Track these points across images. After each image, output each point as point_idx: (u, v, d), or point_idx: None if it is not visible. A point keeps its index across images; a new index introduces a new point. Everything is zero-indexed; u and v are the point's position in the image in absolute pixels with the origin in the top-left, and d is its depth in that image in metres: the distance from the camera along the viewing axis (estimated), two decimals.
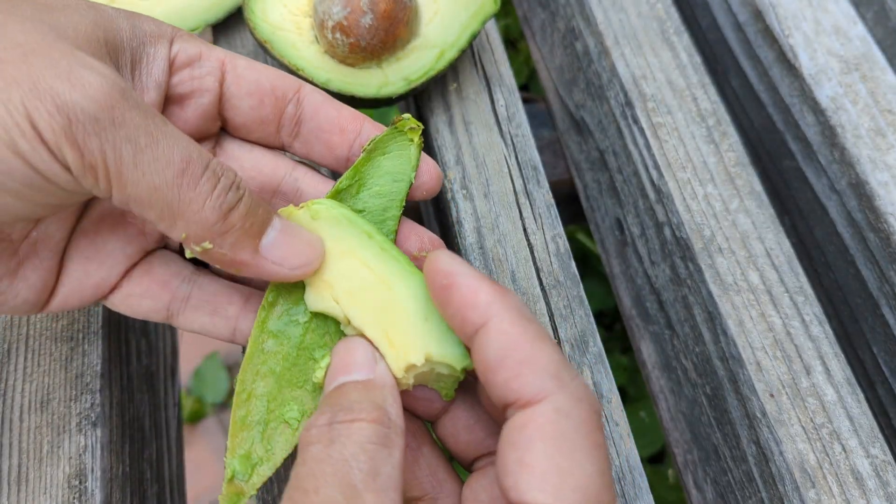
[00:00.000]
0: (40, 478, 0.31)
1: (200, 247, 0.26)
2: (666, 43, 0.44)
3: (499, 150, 0.40)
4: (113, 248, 0.30)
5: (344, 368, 0.26)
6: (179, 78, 0.29)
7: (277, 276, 0.27)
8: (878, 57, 0.41)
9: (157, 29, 0.28)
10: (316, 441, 0.23)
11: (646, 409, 0.80)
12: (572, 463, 0.22)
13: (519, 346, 0.23)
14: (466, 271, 0.25)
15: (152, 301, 0.30)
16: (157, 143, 0.24)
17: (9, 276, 0.27)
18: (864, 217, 0.38)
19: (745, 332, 0.35)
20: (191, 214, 0.25)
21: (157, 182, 0.24)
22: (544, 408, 0.22)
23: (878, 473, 0.32)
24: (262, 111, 0.30)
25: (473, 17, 0.40)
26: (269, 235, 0.27)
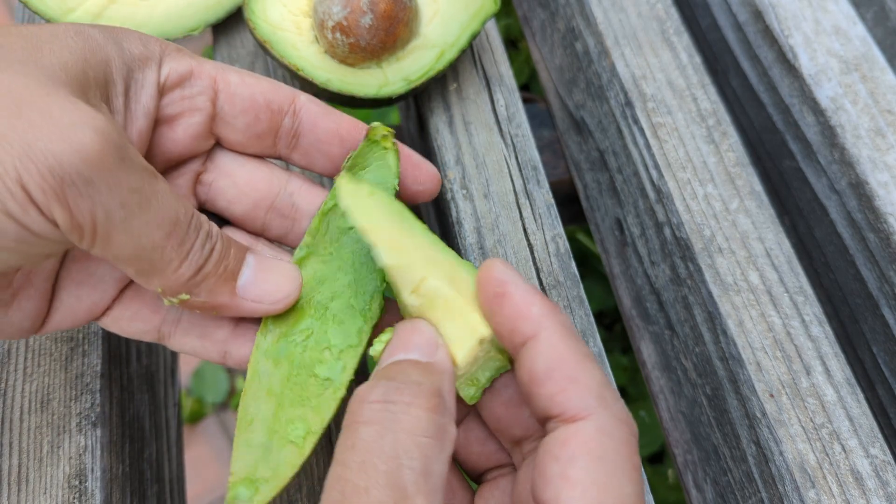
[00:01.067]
0: (40, 478, 0.31)
1: (178, 298, 0.26)
2: (666, 43, 0.44)
3: (499, 151, 0.40)
4: (103, 273, 0.30)
5: (404, 346, 0.25)
6: (170, 99, 0.28)
7: (258, 313, 0.27)
8: (878, 57, 0.41)
9: (145, 50, 0.27)
10: (368, 422, 0.22)
11: (645, 408, 0.80)
12: (613, 481, 0.22)
13: (567, 363, 0.24)
14: (520, 282, 0.26)
15: (143, 324, 0.30)
16: (149, 205, 0.24)
17: (4, 306, 0.27)
18: (864, 217, 0.38)
19: (745, 332, 0.35)
20: (169, 272, 0.25)
21: (144, 244, 0.24)
22: (588, 425, 0.23)
23: (878, 473, 0.32)
24: (258, 127, 0.30)
25: (473, 17, 0.40)
26: (244, 275, 0.27)
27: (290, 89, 0.30)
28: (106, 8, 0.41)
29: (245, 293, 0.27)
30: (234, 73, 0.29)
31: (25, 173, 0.21)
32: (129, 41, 0.27)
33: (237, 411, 0.29)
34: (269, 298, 0.27)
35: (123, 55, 0.27)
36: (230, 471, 0.27)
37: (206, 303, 0.26)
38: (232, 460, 0.27)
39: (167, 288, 0.25)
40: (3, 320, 0.27)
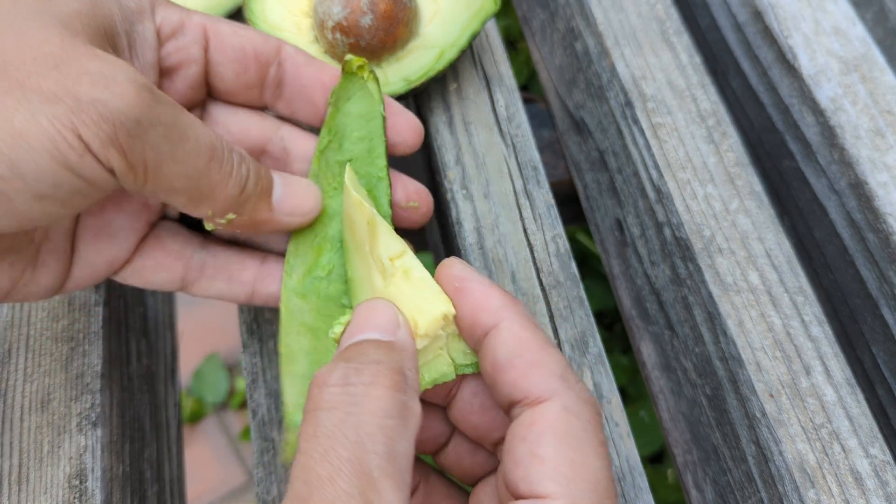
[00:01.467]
0: (40, 478, 0.31)
1: (225, 219, 0.27)
2: (666, 43, 0.44)
3: (499, 151, 0.40)
4: (121, 224, 0.30)
5: (363, 326, 0.25)
6: (166, 50, 0.29)
7: (292, 225, 0.29)
8: (878, 57, 0.41)
9: (138, 2, 0.28)
10: (329, 407, 0.22)
11: (646, 409, 0.80)
12: (582, 457, 0.22)
13: (529, 348, 0.24)
14: (479, 277, 0.27)
15: (167, 273, 0.31)
16: (187, 135, 0.25)
17: (31, 265, 0.28)
18: (864, 217, 0.38)
19: (745, 332, 0.35)
20: (218, 194, 0.26)
21: (191, 172, 0.25)
22: (553, 405, 0.23)
23: (878, 473, 0.32)
24: (247, 77, 0.31)
25: (473, 17, 0.40)
26: (276, 192, 0.29)
27: (276, 39, 0.31)
28: None
29: (280, 208, 0.29)
30: (224, 24, 0.30)
31: (81, 125, 0.22)
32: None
33: (280, 349, 0.29)
34: (300, 210, 0.29)
35: (124, 11, 0.27)
36: (283, 402, 0.28)
37: (248, 220, 0.28)
38: (283, 394, 0.28)
39: (217, 209, 0.27)
40: (32, 281, 0.28)
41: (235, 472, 1.02)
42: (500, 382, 0.25)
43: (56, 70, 0.23)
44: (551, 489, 0.22)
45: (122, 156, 0.23)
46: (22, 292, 0.28)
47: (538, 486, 0.22)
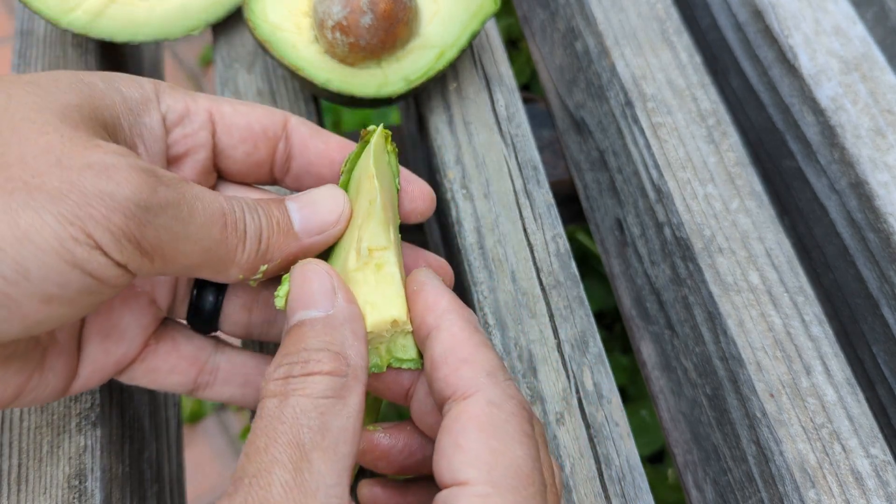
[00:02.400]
0: (40, 478, 0.31)
1: (260, 273, 0.27)
2: (666, 43, 0.44)
3: (499, 150, 0.40)
4: (128, 322, 0.30)
5: (302, 301, 0.26)
6: (173, 138, 0.29)
7: (328, 238, 0.28)
8: (878, 57, 0.41)
9: (143, 93, 0.28)
10: (272, 395, 0.23)
11: (645, 408, 0.80)
12: (503, 445, 0.23)
13: (462, 347, 0.25)
14: (438, 284, 0.27)
15: (180, 376, 0.30)
16: (196, 209, 0.24)
17: (38, 369, 0.27)
18: (864, 217, 0.38)
19: (745, 332, 0.35)
20: (239, 257, 0.26)
21: (207, 244, 0.25)
22: (478, 399, 0.24)
23: (878, 473, 0.32)
24: (257, 155, 0.30)
25: (473, 16, 0.40)
26: (295, 219, 0.28)
27: (281, 113, 0.31)
28: (106, 7, 0.41)
29: (306, 232, 0.28)
30: (226, 104, 0.30)
31: (90, 221, 0.22)
32: (126, 85, 0.27)
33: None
34: (329, 222, 0.28)
35: (126, 101, 0.27)
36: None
37: (281, 262, 0.27)
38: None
39: (246, 270, 0.26)
40: (40, 385, 0.27)
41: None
42: (433, 380, 0.25)
43: (58, 166, 0.22)
44: (472, 475, 0.22)
45: (136, 246, 0.23)
46: (28, 397, 0.27)
47: (459, 474, 0.23)
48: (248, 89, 0.43)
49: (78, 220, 0.22)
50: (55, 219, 0.21)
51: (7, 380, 0.26)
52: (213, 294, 0.32)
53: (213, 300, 0.32)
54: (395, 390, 0.29)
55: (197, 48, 1.31)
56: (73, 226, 0.21)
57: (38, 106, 0.23)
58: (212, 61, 1.29)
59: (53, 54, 0.43)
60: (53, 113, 0.23)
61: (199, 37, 0.44)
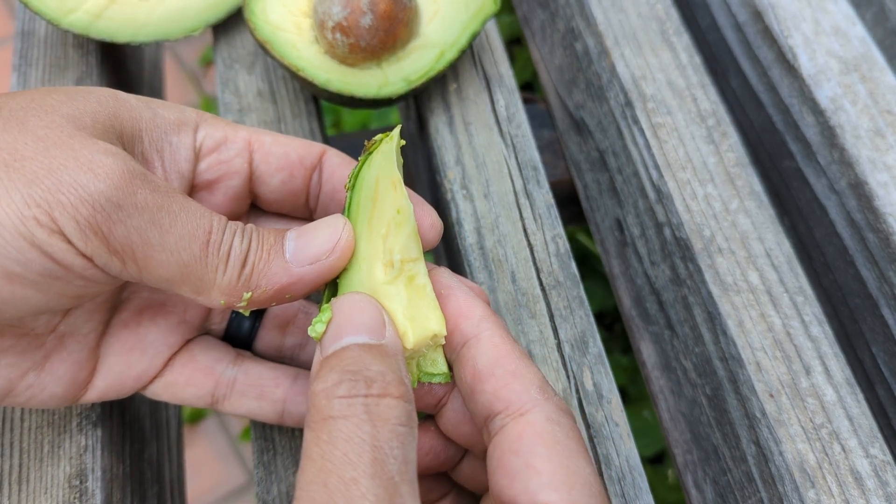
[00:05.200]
0: (41, 477, 0.31)
1: (244, 300, 0.26)
2: (666, 43, 0.44)
3: (499, 151, 0.40)
4: (154, 338, 0.30)
5: (350, 327, 0.25)
6: (207, 164, 0.29)
7: (324, 274, 0.26)
8: (878, 58, 0.41)
9: (181, 116, 0.28)
10: (342, 416, 0.22)
11: (646, 409, 0.80)
12: (574, 464, 0.23)
13: (509, 359, 0.25)
14: (466, 288, 0.27)
15: (196, 389, 0.30)
16: (179, 220, 0.24)
17: (35, 369, 0.27)
18: (864, 217, 0.38)
19: (745, 332, 0.35)
20: (220, 279, 0.25)
21: (186, 259, 0.24)
22: (537, 416, 0.24)
23: (878, 473, 0.32)
24: (293, 184, 0.30)
25: (473, 17, 0.40)
26: (288, 248, 0.26)
27: (320, 146, 0.31)
28: (106, 8, 0.41)
29: (297, 261, 0.26)
30: (267, 135, 0.30)
31: (57, 206, 0.22)
32: (164, 108, 0.28)
33: None
34: (322, 251, 0.26)
35: (156, 119, 0.27)
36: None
37: (268, 291, 0.26)
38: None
39: (227, 295, 0.25)
40: (35, 385, 0.27)
41: (235, 472, 1.02)
42: (478, 392, 0.25)
43: (45, 154, 0.23)
44: (553, 498, 0.22)
45: (103, 241, 0.23)
46: (22, 396, 0.27)
47: (540, 496, 0.22)
48: (248, 90, 0.43)
49: (45, 203, 0.22)
50: (22, 198, 0.22)
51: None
52: (251, 317, 0.32)
53: (250, 325, 0.32)
54: (426, 401, 0.29)
55: (197, 49, 1.31)
56: (39, 208, 0.22)
57: (53, 108, 0.24)
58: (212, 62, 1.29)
59: (54, 55, 0.43)
60: (64, 115, 0.24)
61: (199, 37, 0.44)
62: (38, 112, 0.24)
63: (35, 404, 0.28)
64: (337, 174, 0.31)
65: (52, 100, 0.24)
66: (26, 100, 0.24)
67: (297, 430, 0.34)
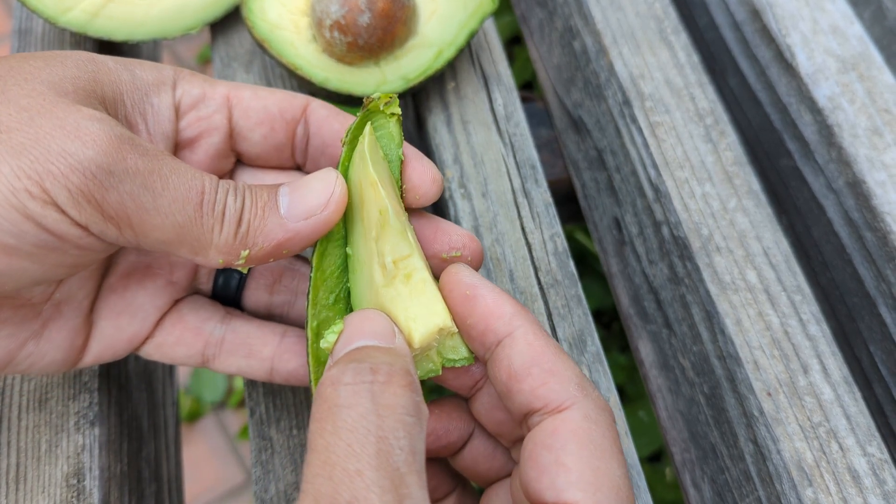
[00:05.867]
0: (38, 476, 0.31)
1: (242, 258, 0.26)
2: (664, 42, 0.44)
3: (497, 149, 0.40)
4: (143, 301, 0.30)
5: (361, 334, 0.25)
6: (187, 121, 0.29)
7: (319, 229, 0.26)
8: (876, 56, 0.41)
9: (159, 76, 0.28)
10: (347, 405, 0.21)
11: (644, 408, 0.80)
12: (605, 464, 0.23)
13: (546, 357, 0.25)
14: (489, 284, 0.26)
15: (186, 348, 0.30)
16: (170, 182, 0.24)
17: (34, 338, 0.28)
18: (862, 216, 0.38)
19: (743, 330, 0.35)
20: (216, 238, 0.25)
21: (181, 221, 0.24)
22: (574, 414, 0.24)
23: (875, 472, 0.32)
24: (275, 137, 0.30)
25: (471, 15, 0.40)
26: (283, 203, 0.26)
27: (303, 97, 0.30)
28: (104, 7, 0.41)
29: (293, 217, 0.26)
30: (246, 89, 0.30)
31: (47, 176, 0.22)
32: (142, 68, 0.28)
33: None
34: (317, 206, 0.26)
35: (136, 81, 0.27)
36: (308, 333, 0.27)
37: (265, 248, 0.26)
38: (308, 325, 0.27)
39: (225, 254, 0.25)
40: (35, 353, 0.28)
41: (233, 470, 1.02)
42: (515, 391, 0.25)
43: (30, 123, 0.22)
44: (578, 497, 0.22)
45: (97, 208, 0.23)
46: (22, 365, 0.28)
47: (565, 494, 0.22)
48: None
49: (36, 174, 0.22)
50: (12, 170, 0.22)
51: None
52: (237, 272, 0.32)
53: (237, 282, 0.32)
54: (463, 381, 0.29)
55: (195, 47, 1.31)
56: (30, 179, 0.22)
57: (32, 76, 0.24)
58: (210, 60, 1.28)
59: None
60: (44, 82, 0.24)
61: (197, 36, 0.44)
62: (18, 80, 0.24)
63: (35, 372, 0.28)
64: (325, 127, 0.30)
65: (30, 66, 0.24)
66: (4, 68, 0.24)
67: (295, 428, 0.34)
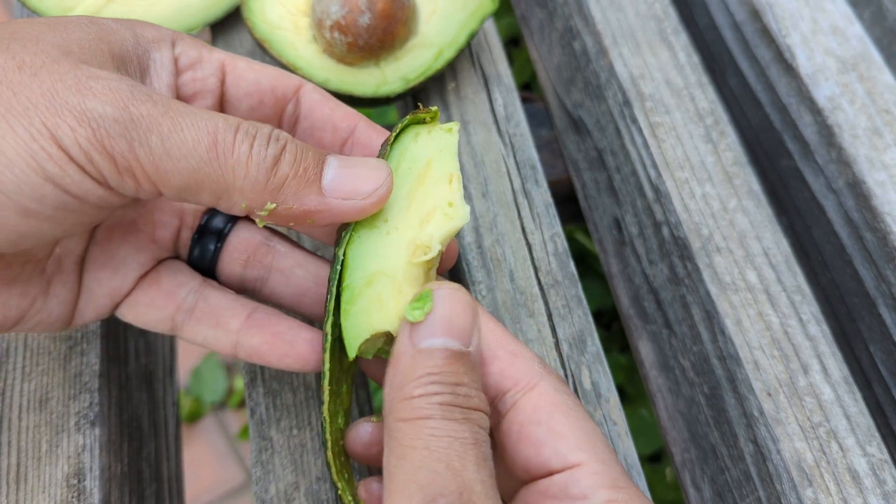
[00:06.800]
0: (39, 476, 0.31)
1: (266, 210, 0.25)
2: (664, 42, 0.44)
3: (497, 150, 0.40)
4: (125, 255, 0.30)
5: (449, 327, 0.25)
6: (182, 80, 0.29)
7: (355, 211, 0.26)
8: (876, 57, 0.41)
9: (158, 34, 0.28)
10: (444, 417, 0.23)
11: (644, 408, 0.80)
12: (589, 425, 0.25)
13: (508, 341, 0.27)
14: (452, 284, 0.28)
15: (157, 311, 0.30)
16: (180, 125, 0.23)
17: (42, 294, 0.28)
18: (861, 216, 0.38)
19: (743, 331, 0.35)
20: (240, 181, 0.24)
21: (195, 163, 0.24)
22: (545, 387, 0.26)
23: (875, 472, 0.32)
24: (263, 111, 0.30)
25: (472, 16, 0.40)
26: (328, 174, 0.26)
27: (297, 78, 0.31)
28: (104, 7, 0.41)
29: (333, 191, 0.25)
30: (242, 60, 0.30)
31: (57, 129, 0.22)
32: (142, 27, 0.28)
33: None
34: (361, 191, 0.26)
35: (138, 38, 0.27)
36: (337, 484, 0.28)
37: (293, 209, 0.25)
38: (336, 479, 0.28)
39: (249, 198, 0.25)
40: (43, 310, 0.28)
41: (234, 470, 1.02)
42: (485, 374, 0.26)
43: (34, 79, 0.22)
44: (582, 457, 0.24)
45: (110, 160, 0.23)
46: (32, 321, 0.28)
47: (571, 457, 0.24)
48: None
49: (47, 130, 0.22)
50: (26, 130, 0.22)
51: (10, 303, 0.27)
52: (213, 242, 0.32)
53: (212, 249, 0.32)
54: None
55: None
56: (44, 137, 0.22)
57: (38, 37, 0.24)
58: None
59: None
60: (49, 42, 0.24)
61: (197, 36, 0.44)
62: (24, 41, 0.24)
63: (42, 329, 0.28)
64: (318, 111, 0.30)
65: (34, 30, 0.24)
66: (9, 31, 0.24)
67: (295, 428, 0.34)
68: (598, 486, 0.24)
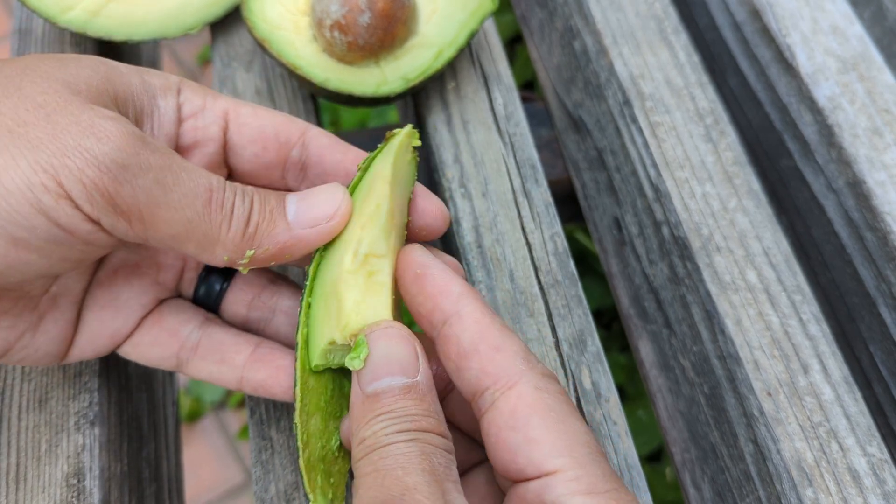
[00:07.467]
0: (38, 476, 0.31)
1: (246, 258, 0.27)
2: (664, 42, 0.44)
3: (497, 149, 0.40)
4: (128, 297, 0.30)
5: (388, 366, 0.25)
6: (184, 129, 0.30)
7: (322, 235, 0.28)
8: (876, 56, 0.41)
9: (165, 81, 0.29)
10: (393, 442, 0.24)
11: (644, 407, 0.80)
12: (569, 426, 0.24)
13: (492, 333, 0.26)
14: (440, 265, 0.27)
15: (161, 349, 0.31)
16: (181, 178, 0.25)
17: (31, 330, 0.28)
18: (862, 216, 0.38)
19: (743, 330, 0.35)
20: (224, 235, 0.26)
21: (190, 215, 0.25)
22: (524, 388, 0.25)
23: (875, 472, 0.32)
24: (266, 157, 0.31)
25: (472, 15, 0.40)
26: (290, 209, 0.28)
27: (303, 123, 0.31)
28: (104, 6, 0.41)
29: (299, 223, 0.27)
30: (246, 107, 0.30)
31: (63, 171, 0.23)
32: (150, 74, 0.29)
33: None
34: (323, 216, 0.28)
35: (145, 84, 0.28)
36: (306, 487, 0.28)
37: (270, 250, 0.27)
38: (305, 481, 0.28)
39: (230, 251, 0.26)
40: (30, 346, 0.28)
41: (233, 470, 1.02)
42: (465, 369, 0.26)
43: (46, 119, 0.23)
44: (558, 464, 0.23)
45: (109, 203, 0.23)
46: (18, 355, 0.28)
47: (546, 464, 0.23)
48: (246, 88, 0.43)
49: (52, 168, 0.22)
50: (29, 164, 0.22)
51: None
52: (219, 282, 0.32)
53: (218, 289, 0.32)
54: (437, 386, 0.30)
55: (195, 47, 1.31)
56: (46, 173, 0.22)
57: (48, 74, 0.25)
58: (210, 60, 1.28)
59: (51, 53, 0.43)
60: (59, 80, 0.25)
61: (197, 35, 0.44)
62: (34, 78, 0.24)
63: (29, 363, 0.29)
64: (327, 157, 0.31)
65: (45, 66, 0.25)
66: (20, 67, 0.25)
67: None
68: (574, 493, 0.23)
